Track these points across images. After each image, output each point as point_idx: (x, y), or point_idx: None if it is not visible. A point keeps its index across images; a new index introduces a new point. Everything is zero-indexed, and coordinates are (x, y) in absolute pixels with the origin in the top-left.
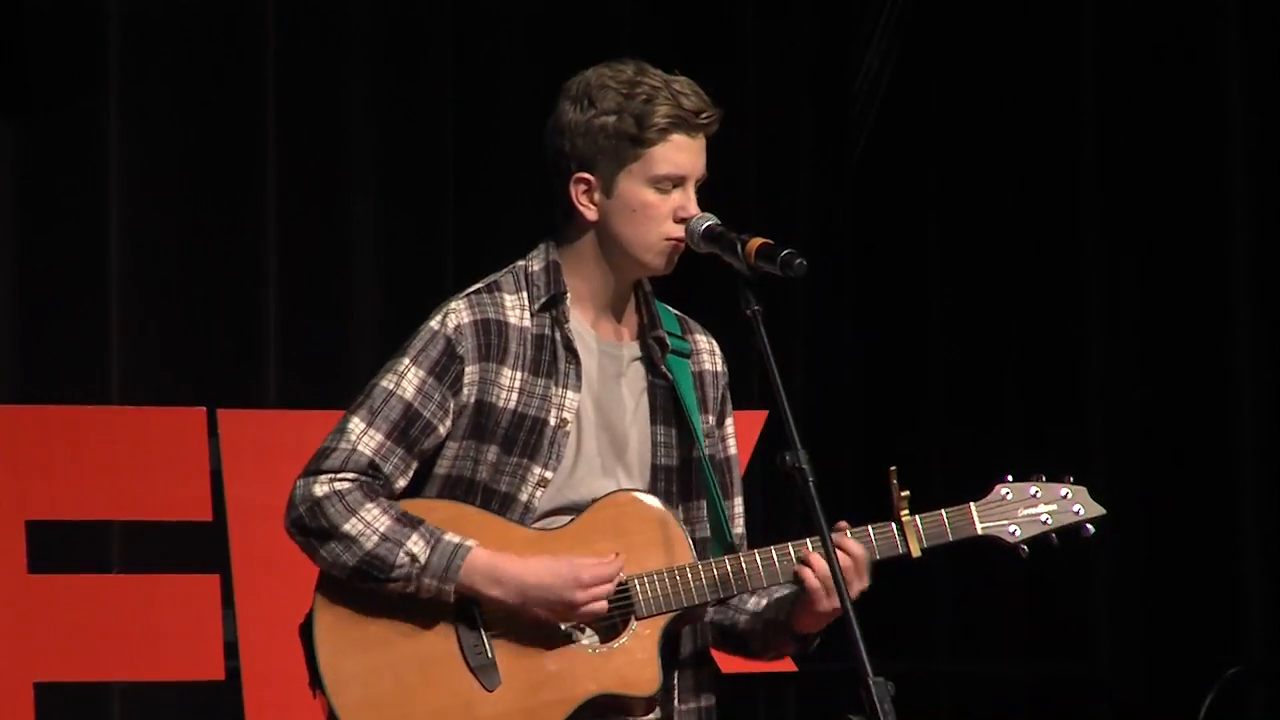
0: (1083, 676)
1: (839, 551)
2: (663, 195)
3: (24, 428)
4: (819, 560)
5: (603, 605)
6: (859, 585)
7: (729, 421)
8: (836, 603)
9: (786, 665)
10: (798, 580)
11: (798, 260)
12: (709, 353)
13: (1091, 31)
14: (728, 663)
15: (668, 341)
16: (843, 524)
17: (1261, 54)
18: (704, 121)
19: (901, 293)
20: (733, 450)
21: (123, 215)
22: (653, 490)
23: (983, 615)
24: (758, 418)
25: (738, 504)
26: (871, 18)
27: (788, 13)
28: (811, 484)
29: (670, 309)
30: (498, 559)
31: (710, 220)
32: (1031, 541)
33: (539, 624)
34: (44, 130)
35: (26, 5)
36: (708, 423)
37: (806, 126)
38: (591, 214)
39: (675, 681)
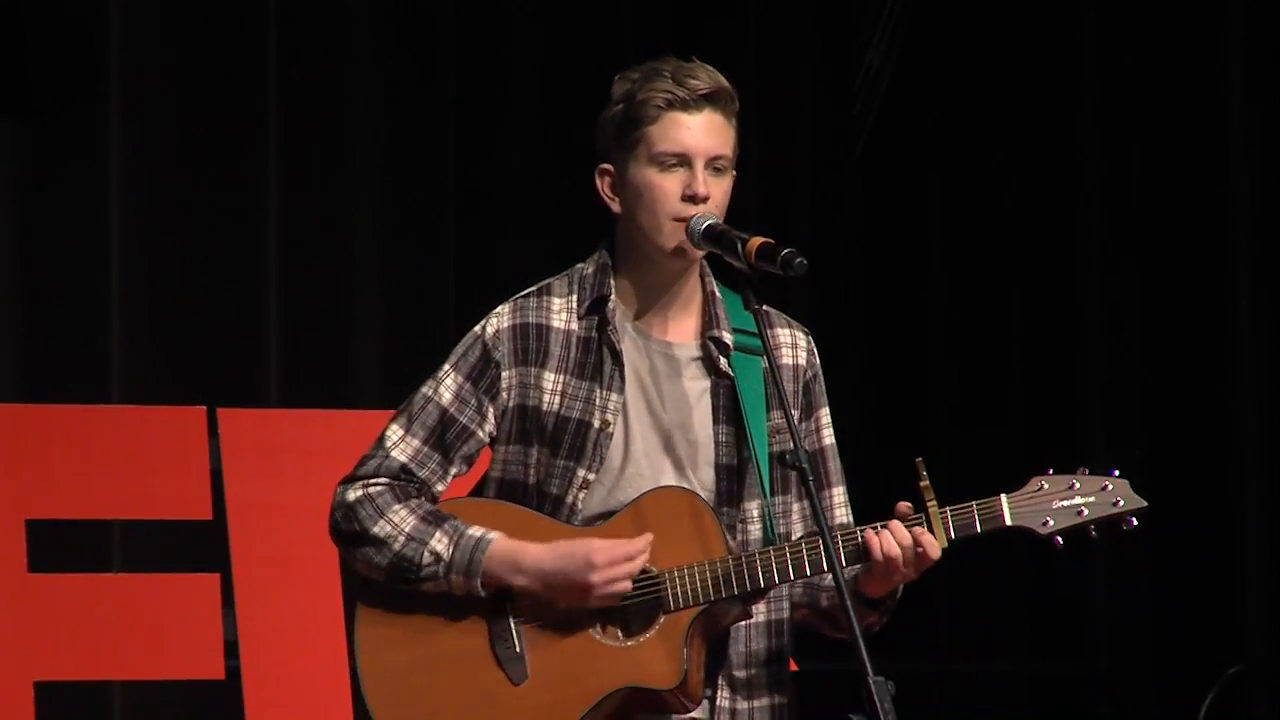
0: (1083, 675)
1: (894, 535)
2: (667, 173)
3: (24, 428)
4: (887, 537)
5: (623, 585)
6: (907, 574)
7: (822, 413)
8: (896, 579)
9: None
10: (862, 559)
11: (798, 259)
12: (789, 346)
13: (1093, 30)
14: None
15: (727, 340)
16: (905, 506)
17: (1263, 51)
18: (701, 94)
19: (902, 292)
20: (828, 441)
21: (123, 215)
22: (716, 489)
23: (983, 614)
24: None
25: (838, 494)
26: (872, 17)
27: (788, 12)
28: (813, 483)
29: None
30: (516, 547)
31: (711, 219)
32: (1067, 533)
33: (568, 616)
34: (44, 130)
35: (26, 5)
36: (781, 419)
37: (806, 125)
38: (616, 206)
39: (733, 680)
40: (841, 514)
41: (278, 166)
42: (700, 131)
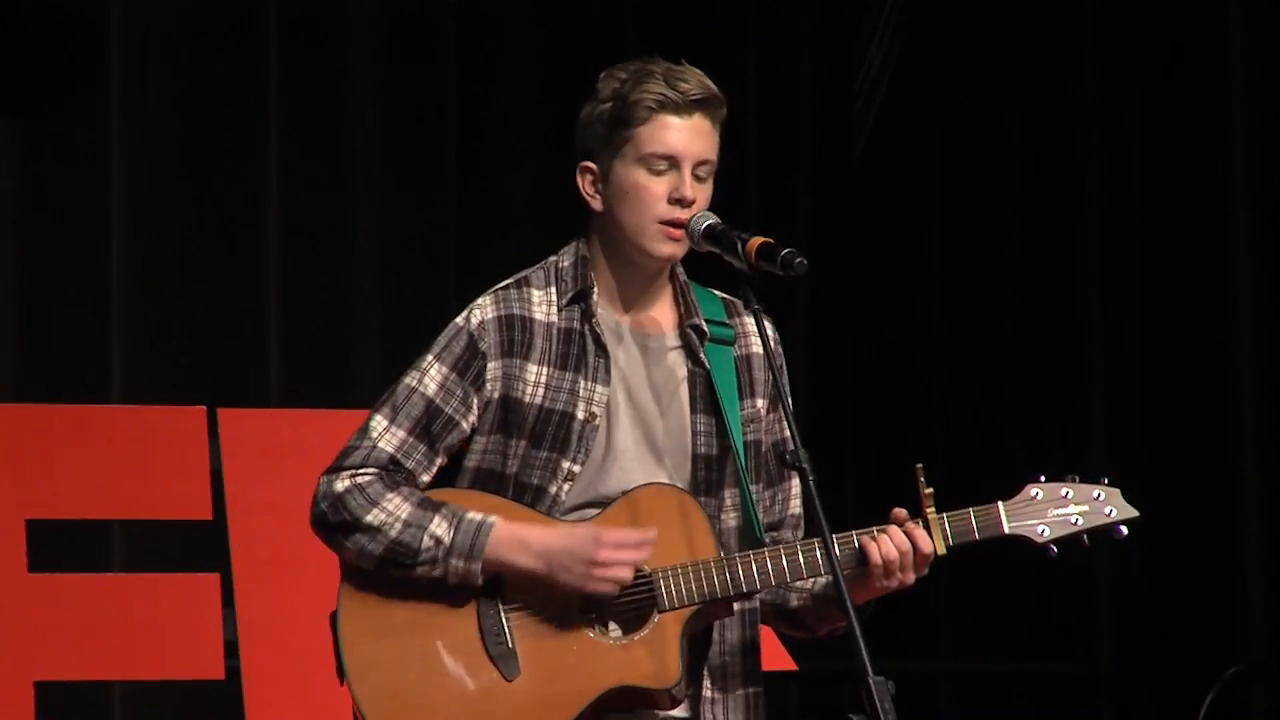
0: (1084, 676)
1: (892, 539)
2: (655, 176)
3: (24, 428)
4: (885, 541)
5: (624, 572)
6: (903, 579)
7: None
8: (892, 584)
9: (787, 664)
10: (860, 561)
11: (798, 259)
12: (756, 335)
13: (1093, 29)
14: None
15: (706, 329)
16: (901, 511)
17: (1264, 45)
18: (693, 99)
19: (902, 292)
20: (789, 432)
21: (123, 214)
22: (693, 479)
23: (984, 615)
24: None
25: (794, 484)
26: (873, 16)
27: (789, 11)
28: (813, 483)
29: (717, 294)
30: (521, 528)
31: (711, 219)
32: (1061, 542)
33: (561, 612)
34: (45, 129)
35: (27, 4)
36: (753, 407)
37: (806, 126)
38: (597, 204)
39: (711, 670)
40: (796, 505)
41: (278, 166)
42: (689, 135)
